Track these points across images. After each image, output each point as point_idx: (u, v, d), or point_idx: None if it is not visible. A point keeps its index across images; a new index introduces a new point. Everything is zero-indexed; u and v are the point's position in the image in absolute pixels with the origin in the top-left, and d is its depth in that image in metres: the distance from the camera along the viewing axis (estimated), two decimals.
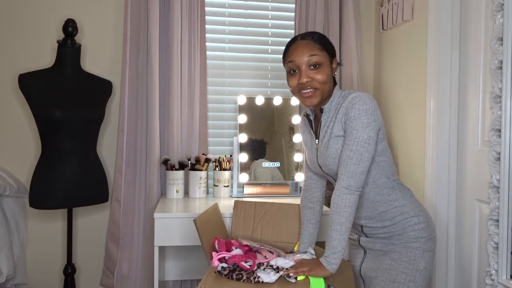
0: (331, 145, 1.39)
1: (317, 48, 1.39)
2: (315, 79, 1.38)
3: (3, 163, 2.27)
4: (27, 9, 2.28)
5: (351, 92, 1.42)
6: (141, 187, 2.29)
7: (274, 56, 2.51)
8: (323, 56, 1.40)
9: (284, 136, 2.36)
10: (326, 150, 1.41)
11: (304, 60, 1.38)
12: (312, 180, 1.62)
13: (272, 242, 1.66)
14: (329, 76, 1.40)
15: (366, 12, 2.56)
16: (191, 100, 2.33)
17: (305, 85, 1.39)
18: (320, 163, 1.47)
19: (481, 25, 1.73)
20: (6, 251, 2.04)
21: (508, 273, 1.57)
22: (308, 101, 1.41)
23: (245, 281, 1.33)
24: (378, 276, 1.45)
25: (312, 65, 1.38)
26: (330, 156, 1.40)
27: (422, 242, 1.41)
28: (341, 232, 1.32)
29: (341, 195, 1.33)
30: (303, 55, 1.39)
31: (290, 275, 1.34)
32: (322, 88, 1.39)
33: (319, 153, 1.46)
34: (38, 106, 1.97)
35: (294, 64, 1.41)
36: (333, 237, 1.33)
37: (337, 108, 1.42)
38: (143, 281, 2.26)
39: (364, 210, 1.46)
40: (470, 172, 1.79)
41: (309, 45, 1.40)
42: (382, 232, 1.45)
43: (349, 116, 1.34)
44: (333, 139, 1.38)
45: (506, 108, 1.54)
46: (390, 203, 1.42)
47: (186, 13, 2.29)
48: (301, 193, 1.66)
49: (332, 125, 1.41)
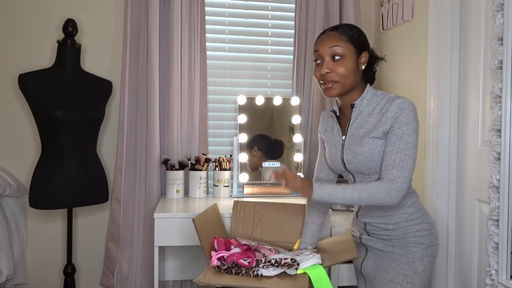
0: (365, 143, 1.37)
1: (342, 40, 1.38)
2: (335, 71, 1.38)
3: (3, 163, 2.27)
4: (27, 9, 2.28)
5: (391, 95, 1.40)
6: (141, 187, 2.29)
7: (274, 56, 2.51)
8: (347, 48, 1.38)
9: (284, 136, 2.36)
10: (359, 148, 1.39)
11: (327, 51, 1.38)
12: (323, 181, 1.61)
13: (272, 242, 1.66)
14: (350, 70, 1.38)
15: (366, 12, 2.56)
16: (191, 100, 2.33)
17: (324, 77, 1.39)
18: (345, 159, 1.44)
19: (481, 25, 1.73)
20: (6, 251, 2.04)
21: (508, 273, 1.57)
22: (327, 92, 1.41)
23: (243, 275, 1.34)
24: (377, 275, 1.45)
25: (335, 56, 1.38)
26: (362, 154, 1.38)
27: (422, 248, 1.40)
28: (349, 197, 1.32)
29: (390, 193, 1.31)
30: (327, 45, 1.39)
31: (280, 182, 1.38)
32: (343, 81, 1.38)
33: (346, 149, 1.44)
34: (38, 106, 1.97)
35: (318, 54, 1.41)
36: (343, 190, 1.33)
37: (374, 108, 1.40)
38: (143, 281, 2.27)
39: (372, 210, 1.46)
40: (470, 172, 1.79)
41: (335, 36, 1.40)
42: (384, 234, 1.45)
43: (399, 120, 1.33)
44: (370, 139, 1.37)
45: (506, 108, 1.54)
46: (398, 209, 1.42)
47: (186, 13, 2.29)
48: None
49: (368, 124, 1.39)
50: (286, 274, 1.35)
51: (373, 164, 1.38)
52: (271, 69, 2.52)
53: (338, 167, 1.49)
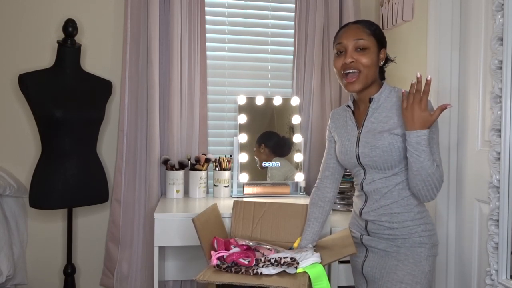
0: (385, 138, 1.39)
1: (366, 33, 1.42)
2: (359, 61, 1.40)
3: (3, 163, 2.27)
4: (27, 9, 2.28)
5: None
6: (141, 187, 2.29)
7: (274, 56, 2.51)
8: (371, 42, 1.42)
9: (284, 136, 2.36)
10: (377, 141, 1.40)
11: (351, 42, 1.41)
12: (328, 180, 1.62)
13: (271, 242, 1.67)
14: (374, 62, 1.41)
15: (366, 12, 2.56)
16: (191, 100, 2.33)
17: (348, 65, 1.40)
18: (361, 152, 1.44)
19: (481, 25, 1.73)
20: (6, 251, 2.04)
21: (508, 273, 1.57)
22: (350, 87, 1.42)
23: (243, 273, 1.34)
24: (383, 276, 1.44)
25: (359, 48, 1.41)
26: (381, 148, 1.39)
27: (427, 248, 1.41)
28: (428, 158, 1.30)
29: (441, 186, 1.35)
30: (351, 37, 1.42)
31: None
32: (366, 72, 1.40)
33: (362, 143, 1.44)
34: (38, 106, 1.97)
35: (341, 46, 1.43)
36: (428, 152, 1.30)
37: (393, 103, 1.42)
38: (143, 281, 2.27)
39: (380, 206, 1.44)
40: (470, 172, 1.79)
41: (359, 29, 1.43)
42: (387, 233, 1.44)
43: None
44: (391, 135, 1.38)
45: (506, 108, 1.54)
46: (406, 207, 1.42)
47: (186, 13, 2.29)
48: (313, 190, 1.65)
49: (387, 119, 1.41)
50: (285, 273, 1.36)
51: (391, 159, 1.39)
52: (271, 69, 2.52)
53: (350, 160, 1.49)
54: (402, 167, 1.40)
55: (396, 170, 1.41)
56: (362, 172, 1.48)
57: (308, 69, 2.42)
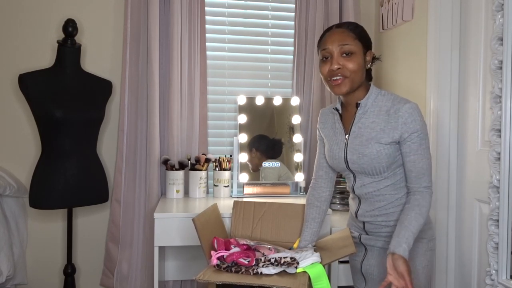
0: (372, 146, 1.38)
1: (351, 37, 1.40)
2: (345, 67, 1.38)
3: (3, 163, 2.27)
4: (27, 9, 2.28)
5: (396, 95, 1.41)
6: (141, 187, 2.29)
7: (274, 56, 2.51)
8: (357, 46, 1.40)
9: (284, 136, 2.36)
10: (365, 149, 1.39)
11: (337, 48, 1.39)
12: (322, 180, 1.61)
13: (271, 241, 1.67)
14: (360, 66, 1.40)
15: (366, 12, 2.56)
16: (191, 100, 2.33)
17: (335, 72, 1.39)
18: (349, 159, 1.44)
19: (481, 25, 1.73)
20: (6, 251, 2.04)
21: (508, 273, 1.57)
22: (337, 89, 1.41)
23: (243, 273, 1.34)
24: (381, 273, 1.46)
25: (344, 53, 1.39)
26: (368, 156, 1.38)
27: (424, 242, 1.42)
28: (416, 230, 1.33)
29: (431, 198, 1.39)
30: (336, 42, 1.39)
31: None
32: (352, 76, 1.39)
33: (350, 149, 1.43)
34: (38, 106, 1.97)
35: (327, 51, 1.41)
36: (411, 230, 1.32)
37: (380, 109, 1.41)
38: (143, 281, 2.27)
39: (374, 208, 1.45)
40: (470, 172, 1.79)
41: (344, 33, 1.41)
42: (385, 231, 1.45)
43: (413, 127, 1.34)
44: (377, 144, 1.38)
45: (506, 108, 1.54)
46: (400, 207, 1.42)
47: (186, 13, 2.29)
48: (308, 191, 1.65)
49: (374, 125, 1.40)
50: (285, 273, 1.36)
51: (379, 166, 1.38)
52: (271, 69, 2.51)
53: (339, 165, 1.49)
54: (392, 171, 1.41)
55: (386, 174, 1.41)
56: (352, 177, 1.48)
57: (308, 69, 2.42)
